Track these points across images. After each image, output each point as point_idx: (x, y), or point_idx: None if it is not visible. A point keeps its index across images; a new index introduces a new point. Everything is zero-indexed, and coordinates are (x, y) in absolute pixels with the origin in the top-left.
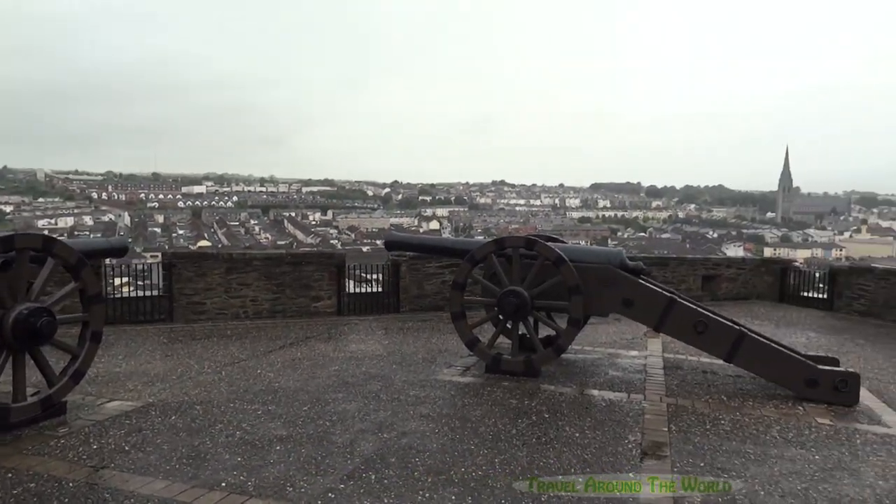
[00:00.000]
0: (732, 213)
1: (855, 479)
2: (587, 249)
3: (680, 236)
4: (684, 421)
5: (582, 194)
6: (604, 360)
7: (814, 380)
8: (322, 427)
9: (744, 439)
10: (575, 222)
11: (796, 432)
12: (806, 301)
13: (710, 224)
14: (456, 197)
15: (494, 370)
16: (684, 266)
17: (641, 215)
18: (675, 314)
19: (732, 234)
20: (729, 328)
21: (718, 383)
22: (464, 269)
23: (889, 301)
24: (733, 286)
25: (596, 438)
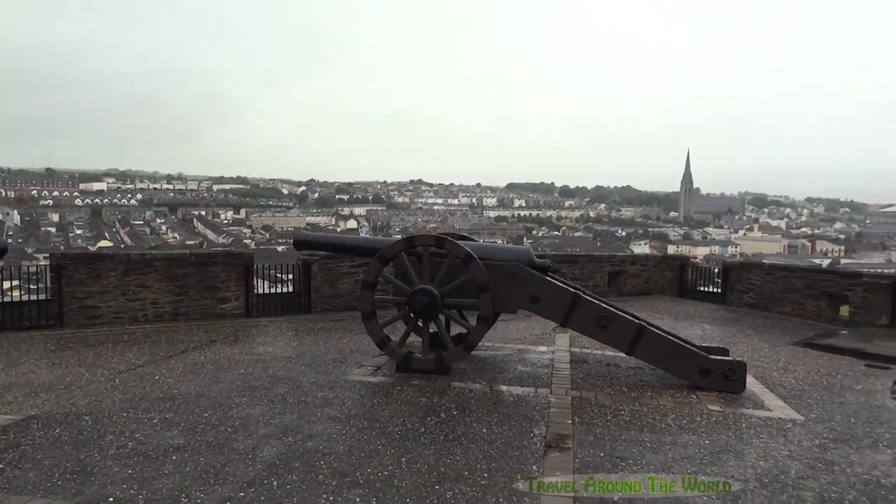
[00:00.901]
0: (639, 212)
1: (739, 461)
2: (496, 247)
3: (591, 235)
4: (587, 413)
5: (498, 194)
6: (513, 355)
7: (706, 369)
8: (223, 434)
9: (641, 428)
10: (492, 221)
11: (689, 419)
12: (703, 295)
13: (619, 223)
14: (374, 196)
15: (405, 369)
16: (592, 263)
17: (555, 214)
18: (579, 310)
19: (639, 232)
20: (630, 322)
21: (620, 375)
22: (374, 267)
23: (774, 294)
24: (637, 282)
25: (503, 433)
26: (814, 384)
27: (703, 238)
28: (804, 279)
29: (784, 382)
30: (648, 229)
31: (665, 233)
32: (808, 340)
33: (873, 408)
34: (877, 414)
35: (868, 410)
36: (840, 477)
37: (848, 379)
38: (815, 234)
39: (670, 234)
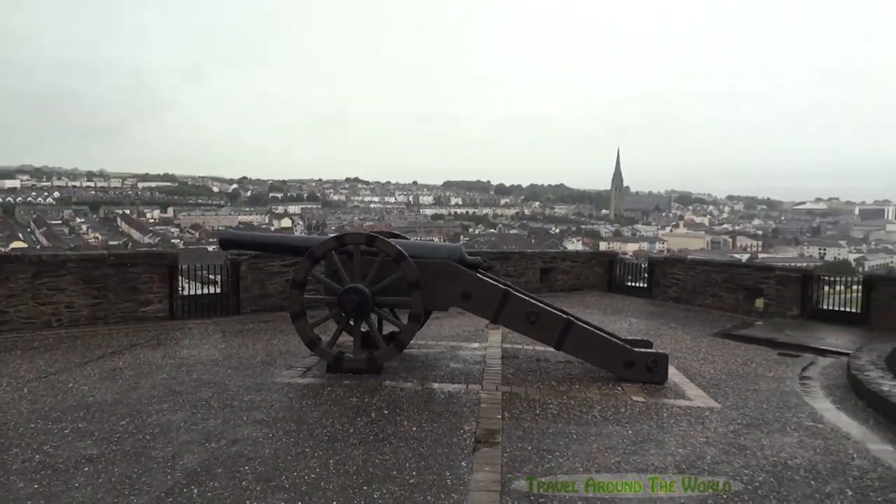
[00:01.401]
0: (572, 210)
1: (659, 449)
2: (427, 245)
3: (526, 232)
4: (517, 407)
5: (435, 192)
6: (446, 353)
7: (631, 362)
8: (141, 442)
9: (568, 421)
10: (428, 219)
11: (614, 411)
12: (630, 290)
13: (552, 220)
14: (309, 194)
15: (336, 369)
16: (525, 260)
17: (491, 212)
18: (509, 306)
19: (573, 229)
20: (558, 317)
21: (550, 370)
22: (303, 266)
23: (696, 288)
24: (568, 278)
25: (433, 431)
26: (731, 373)
27: (633, 235)
28: (723, 273)
29: (703, 372)
30: (581, 226)
31: (597, 230)
32: (726, 331)
33: (783, 394)
34: (786, 399)
35: (779, 396)
36: (752, 460)
37: (762, 367)
38: (735, 231)
39: (602, 232)
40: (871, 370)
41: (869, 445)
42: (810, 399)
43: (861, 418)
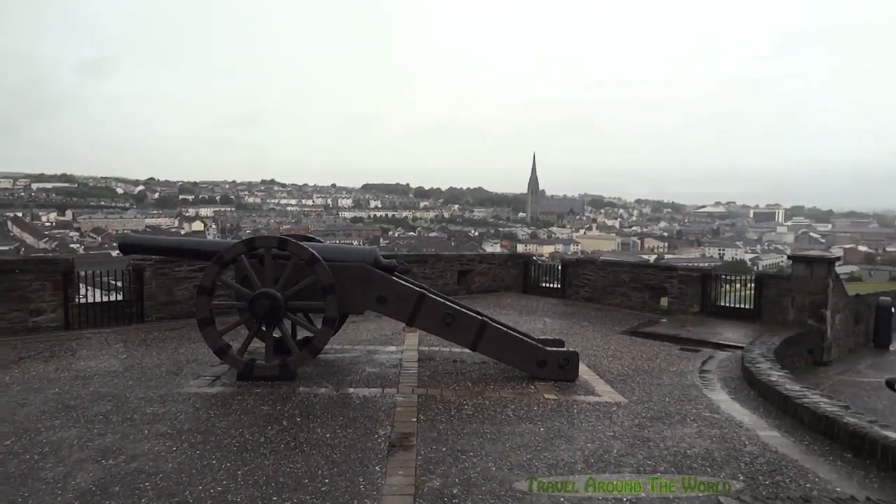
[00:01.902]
0: (491, 213)
1: (570, 445)
2: (342, 248)
3: (446, 235)
4: (432, 410)
5: (354, 194)
6: (362, 357)
7: (543, 361)
8: (28, 462)
9: (483, 420)
10: (347, 222)
11: (527, 409)
12: (545, 290)
13: (472, 223)
14: (222, 196)
15: (247, 377)
16: (442, 262)
17: (411, 215)
18: (425, 309)
19: (491, 232)
20: (473, 319)
21: (466, 371)
22: (211, 271)
23: (606, 288)
24: (485, 279)
25: (347, 437)
26: (637, 369)
27: (549, 237)
28: (630, 273)
29: (612, 369)
30: (499, 229)
31: (514, 232)
32: (633, 329)
33: (684, 387)
34: (687, 392)
35: (680, 390)
36: (654, 451)
37: (665, 362)
38: (643, 233)
39: (519, 234)
40: (761, 362)
41: (759, 432)
42: (708, 391)
43: (752, 407)
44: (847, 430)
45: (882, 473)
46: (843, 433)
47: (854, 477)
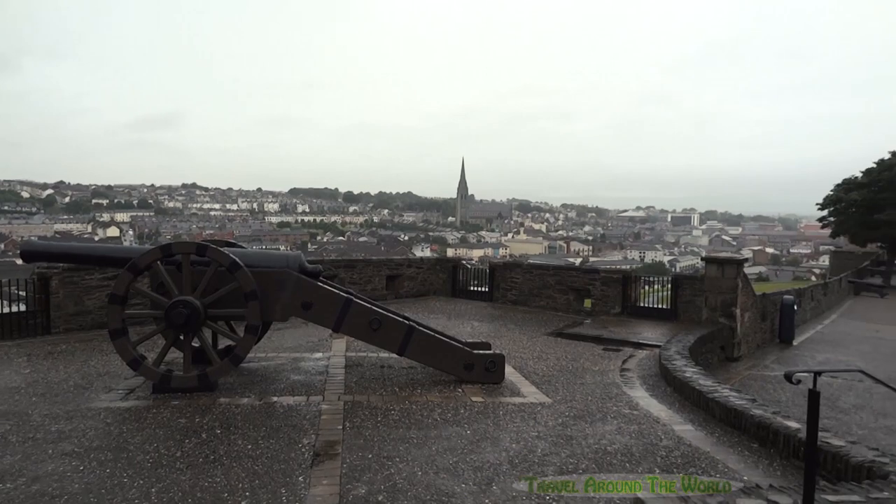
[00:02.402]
0: (421, 217)
1: (495, 446)
2: (265, 254)
3: (375, 239)
4: (359, 416)
5: (281, 199)
6: (287, 364)
7: (470, 364)
8: None
9: (410, 425)
10: (274, 227)
11: (454, 412)
12: (473, 294)
13: (402, 228)
14: (139, 200)
15: (164, 389)
16: (370, 267)
17: (340, 220)
18: (351, 314)
19: (421, 236)
20: (400, 324)
21: (393, 376)
22: (123, 279)
23: (533, 290)
24: (414, 284)
25: (269, 448)
26: (562, 369)
27: (478, 241)
28: (556, 276)
29: (538, 370)
30: (429, 233)
31: (444, 237)
32: (559, 330)
33: (606, 385)
34: (608, 391)
35: (602, 388)
36: (577, 449)
37: (588, 362)
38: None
39: (449, 238)
40: (677, 360)
41: (675, 427)
42: (628, 389)
43: (669, 403)
44: (753, 422)
45: (784, 461)
46: (749, 425)
47: (759, 465)
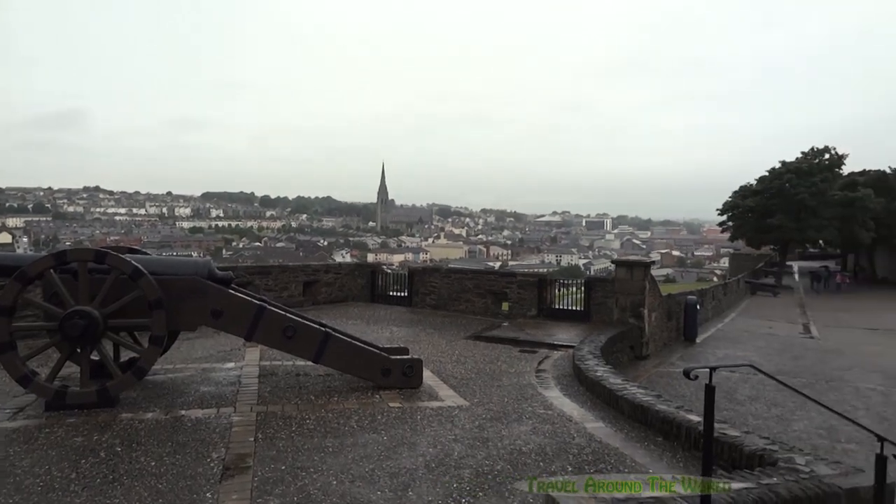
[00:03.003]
0: (340, 222)
1: (412, 451)
2: (171, 261)
3: (294, 245)
4: (272, 427)
5: (193, 203)
6: (196, 375)
7: (388, 369)
8: None
9: (325, 434)
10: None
11: (371, 419)
12: (392, 299)
13: (321, 233)
14: (35, 204)
15: (58, 406)
16: (286, 274)
17: (256, 225)
18: (265, 322)
19: (341, 241)
20: (315, 331)
21: (309, 384)
22: (11, 289)
23: (452, 294)
24: (332, 290)
25: (175, 464)
26: (479, 372)
27: (399, 246)
28: (474, 280)
29: (456, 373)
30: (349, 238)
31: (364, 242)
32: (477, 333)
33: (522, 387)
34: (524, 392)
35: (518, 389)
36: (493, 451)
37: (505, 364)
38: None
39: (369, 243)
40: (589, 359)
41: (586, 425)
42: (543, 389)
43: (581, 401)
44: (658, 417)
45: (686, 453)
46: (655, 420)
47: (664, 458)
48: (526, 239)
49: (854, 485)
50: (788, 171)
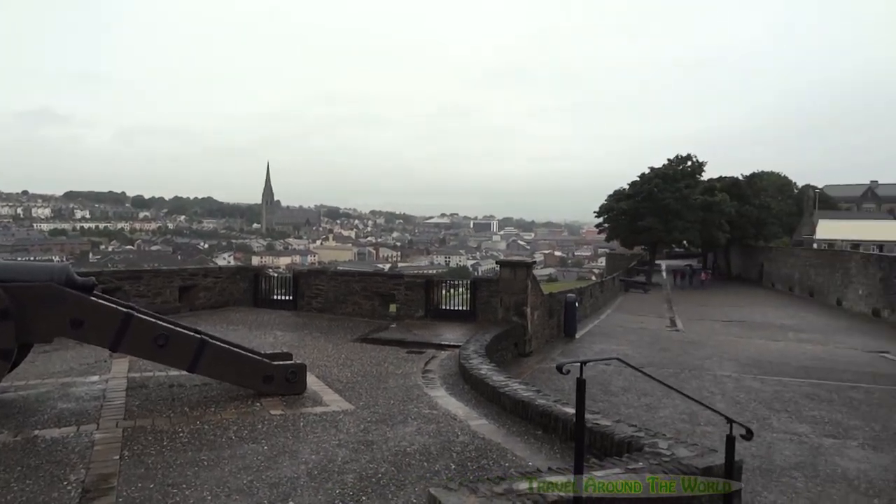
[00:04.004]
0: (222, 224)
1: (293, 460)
2: (21, 266)
3: (171, 248)
4: (140, 443)
5: (54, 203)
6: (54, 392)
7: (270, 376)
8: None
9: (200, 447)
10: (45, 235)
11: (251, 429)
12: (277, 303)
13: (201, 235)
14: None
15: None
16: (160, 278)
17: (128, 227)
18: (132, 330)
19: (223, 244)
20: (190, 338)
21: (184, 396)
22: None
23: (338, 297)
24: (211, 295)
25: (24, 490)
26: (366, 375)
27: (286, 248)
28: (361, 282)
29: (341, 377)
30: (232, 241)
31: (249, 244)
32: (364, 336)
33: (408, 388)
34: (410, 393)
35: (404, 391)
36: (377, 454)
37: (392, 366)
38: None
39: (254, 246)
40: (474, 358)
41: (470, 422)
42: (429, 389)
43: (466, 399)
44: (538, 411)
45: (563, 445)
46: (534, 414)
47: (543, 451)
48: (415, 240)
49: (708, 464)
50: (656, 177)
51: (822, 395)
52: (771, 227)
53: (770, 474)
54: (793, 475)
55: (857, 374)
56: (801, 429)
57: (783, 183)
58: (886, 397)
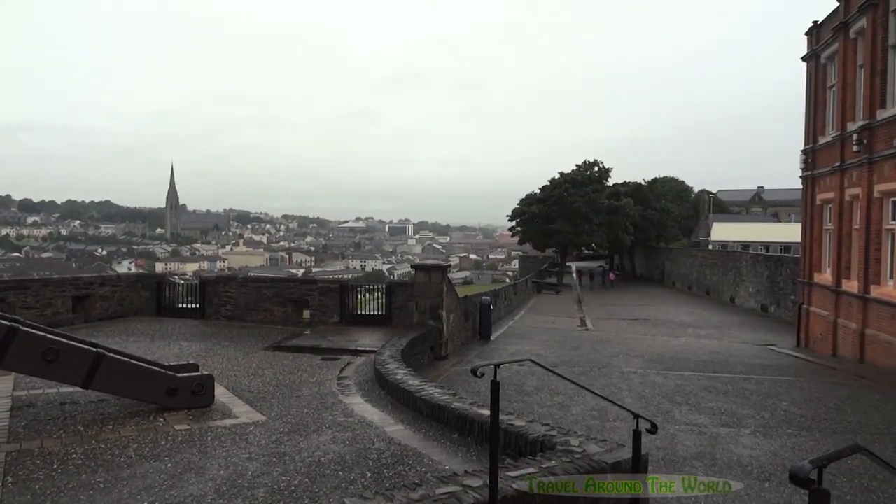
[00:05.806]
0: (122, 229)
1: (200, 477)
2: None
3: (64, 255)
4: (26, 468)
5: None
6: None
7: (174, 388)
8: None
9: (96, 469)
10: None
11: (153, 446)
12: (182, 312)
13: (98, 241)
14: None
15: None
16: (50, 288)
17: (14, 232)
18: (17, 345)
19: (123, 250)
20: (84, 352)
21: (77, 414)
22: None
23: (249, 304)
24: (109, 305)
25: None
26: (278, 384)
27: (193, 254)
28: (273, 288)
29: (252, 387)
30: (133, 247)
31: (153, 250)
32: (277, 344)
33: (323, 396)
34: (325, 400)
35: (318, 399)
36: (290, 466)
37: (306, 374)
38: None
39: (158, 252)
40: (390, 363)
41: (387, 429)
42: (344, 396)
43: (382, 405)
44: (454, 415)
45: (479, 447)
46: (451, 417)
47: (459, 454)
48: (330, 245)
49: (617, 458)
50: (566, 181)
51: (719, 387)
52: (671, 229)
53: (673, 465)
54: (694, 465)
55: (749, 367)
56: (700, 420)
57: (681, 188)
58: (774, 387)
